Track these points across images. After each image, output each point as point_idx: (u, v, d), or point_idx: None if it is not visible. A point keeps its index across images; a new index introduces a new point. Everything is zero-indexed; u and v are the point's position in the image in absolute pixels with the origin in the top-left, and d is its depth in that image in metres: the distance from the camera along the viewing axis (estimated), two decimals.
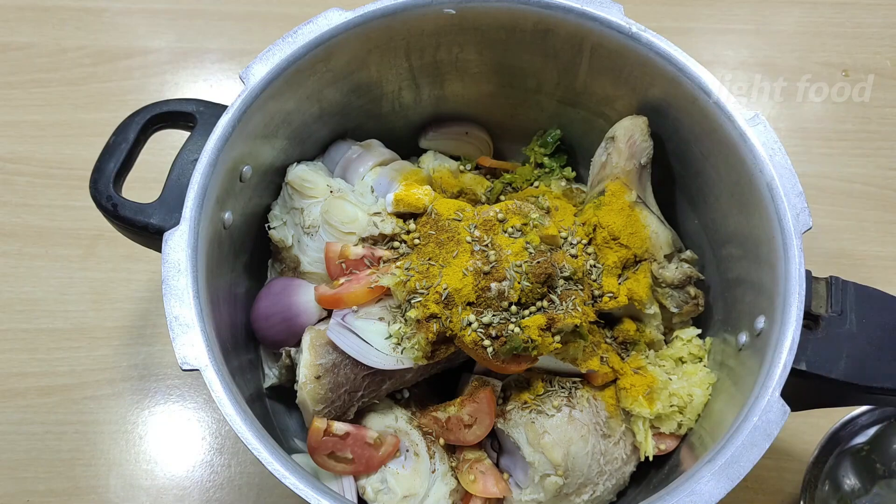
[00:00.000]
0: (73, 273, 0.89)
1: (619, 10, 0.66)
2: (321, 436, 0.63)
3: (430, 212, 0.70)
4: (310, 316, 0.69)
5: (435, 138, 0.81)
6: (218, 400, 0.55)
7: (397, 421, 0.67)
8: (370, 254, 0.68)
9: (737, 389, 0.63)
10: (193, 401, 0.84)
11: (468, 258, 0.64)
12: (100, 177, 0.63)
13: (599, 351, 0.67)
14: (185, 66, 1.02)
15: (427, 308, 0.63)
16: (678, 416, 0.67)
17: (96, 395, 0.84)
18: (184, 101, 0.66)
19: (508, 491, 0.66)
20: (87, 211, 0.72)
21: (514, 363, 0.63)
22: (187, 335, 0.56)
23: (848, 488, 0.73)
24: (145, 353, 0.86)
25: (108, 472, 0.81)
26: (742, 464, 0.54)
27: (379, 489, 0.65)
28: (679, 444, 0.69)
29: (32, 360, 0.85)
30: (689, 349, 0.71)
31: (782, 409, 0.56)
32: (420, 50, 0.72)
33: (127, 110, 0.66)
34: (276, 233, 0.73)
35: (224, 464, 0.82)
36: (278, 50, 0.65)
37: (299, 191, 0.71)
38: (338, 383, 0.64)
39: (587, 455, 0.64)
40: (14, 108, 0.98)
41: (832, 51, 1.05)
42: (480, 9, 0.68)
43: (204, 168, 0.61)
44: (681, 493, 0.54)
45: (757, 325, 0.62)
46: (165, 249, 0.59)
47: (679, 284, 0.70)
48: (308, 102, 0.70)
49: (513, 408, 0.66)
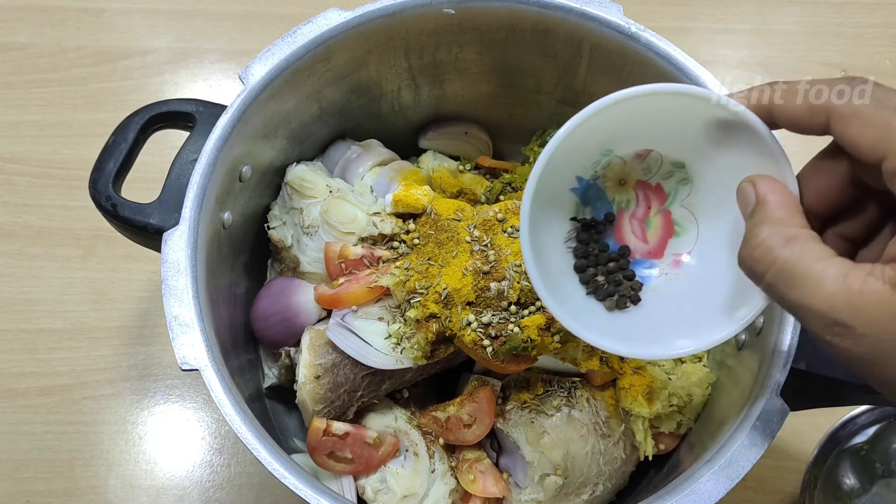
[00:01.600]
0: (72, 273, 0.89)
1: (619, 9, 0.66)
2: (320, 436, 0.63)
3: (429, 212, 0.70)
4: (309, 316, 0.69)
5: (434, 138, 0.81)
6: (217, 400, 0.55)
7: (397, 421, 0.67)
8: (369, 254, 0.68)
9: (736, 389, 0.63)
10: (193, 401, 0.84)
11: (468, 258, 0.64)
12: (99, 177, 0.63)
13: (599, 351, 0.67)
14: (185, 66, 1.02)
15: (426, 308, 0.63)
16: (677, 415, 0.68)
17: (96, 395, 0.84)
18: (183, 101, 0.66)
19: (508, 491, 0.66)
20: (87, 211, 0.72)
21: (513, 363, 0.63)
22: (187, 335, 0.56)
23: (847, 488, 0.73)
24: (145, 353, 0.86)
25: (108, 472, 0.81)
26: (742, 463, 0.54)
27: (378, 489, 0.65)
28: (679, 443, 0.69)
29: (32, 360, 0.85)
30: None
31: (782, 409, 0.56)
32: (420, 50, 0.72)
33: (126, 110, 0.66)
34: (276, 233, 0.73)
35: (224, 464, 0.82)
36: (278, 50, 0.65)
37: (299, 191, 0.71)
38: (337, 383, 0.64)
39: (587, 455, 0.64)
40: (14, 108, 0.98)
41: (832, 51, 1.05)
42: (480, 9, 0.68)
43: (203, 168, 0.61)
44: (680, 493, 0.54)
45: (757, 325, 0.62)
46: (165, 249, 0.59)
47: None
48: (307, 102, 0.70)
49: (512, 408, 0.66)
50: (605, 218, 0.54)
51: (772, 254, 0.40)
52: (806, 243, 0.40)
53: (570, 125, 0.46)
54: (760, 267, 0.41)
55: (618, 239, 0.54)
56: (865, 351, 0.37)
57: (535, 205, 0.48)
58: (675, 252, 0.53)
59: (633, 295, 0.53)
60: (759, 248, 0.41)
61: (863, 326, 0.37)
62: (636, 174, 0.52)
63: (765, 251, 0.41)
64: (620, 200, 0.54)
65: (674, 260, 0.53)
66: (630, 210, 0.54)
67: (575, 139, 0.47)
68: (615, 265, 0.53)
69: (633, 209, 0.54)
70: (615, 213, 0.54)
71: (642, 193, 0.53)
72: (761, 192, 0.43)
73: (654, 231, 0.54)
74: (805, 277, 0.39)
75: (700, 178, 0.51)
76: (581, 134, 0.46)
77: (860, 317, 0.37)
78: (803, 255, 0.39)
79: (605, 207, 0.54)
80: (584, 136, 0.47)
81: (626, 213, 0.54)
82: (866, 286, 0.37)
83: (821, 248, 0.40)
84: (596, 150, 0.50)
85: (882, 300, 0.36)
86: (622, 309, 0.53)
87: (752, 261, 0.41)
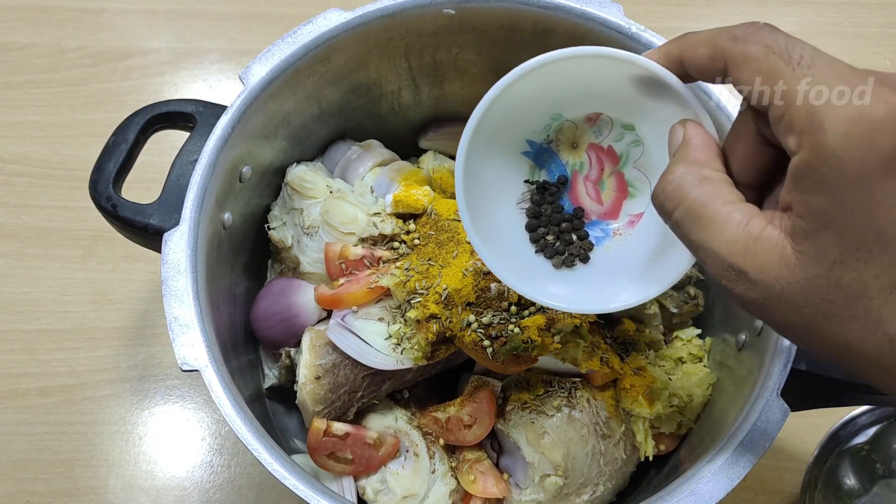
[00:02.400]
0: (72, 273, 0.89)
1: (619, 10, 0.66)
2: (321, 436, 0.63)
3: (429, 212, 0.70)
4: (309, 316, 0.69)
5: (435, 138, 0.81)
6: (218, 400, 0.55)
7: (397, 421, 0.67)
8: (370, 254, 0.68)
9: (737, 389, 0.63)
10: (193, 401, 0.84)
11: (468, 258, 0.64)
12: (99, 177, 0.63)
13: (599, 351, 0.67)
14: (185, 67, 1.02)
15: (427, 308, 0.63)
16: (678, 416, 0.67)
17: (96, 396, 0.84)
18: (183, 101, 0.66)
19: (508, 491, 0.66)
20: (87, 211, 0.72)
21: (513, 363, 0.63)
22: (187, 336, 0.56)
23: (848, 488, 0.73)
24: (145, 353, 0.86)
25: (108, 473, 0.81)
26: (742, 464, 0.54)
27: (379, 489, 0.65)
28: (679, 444, 0.69)
29: (32, 360, 0.85)
30: (689, 349, 0.71)
31: (782, 409, 0.56)
32: (419, 50, 0.72)
33: (126, 111, 0.66)
34: (276, 233, 0.73)
35: (224, 464, 0.82)
36: (278, 50, 0.65)
37: (299, 191, 0.71)
38: (337, 384, 0.64)
39: (587, 455, 0.64)
40: (13, 108, 0.98)
41: (832, 51, 1.03)
42: (480, 9, 0.68)
43: (203, 168, 0.61)
44: (681, 493, 0.54)
45: (757, 325, 0.62)
46: (165, 250, 0.59)
47: (679, 284, 0.70)
48: (307, 103, 0.70)
49: (513, 408, 0.66)
50: (558, 180, 0.55)
51: (682, 192, 0.41)
52: (717, 185, 0.40)
53: (510, 77, 0.47)
54: (670, 204, 0.41)
55: (573, 201, 0.56)
56: (757, 297, 0.38)
57: (478, 156, 0.50)
58: (630, 213, 0.55)
59: (582, 254, 0.55)
60: (671, 185, 0.41)
61: (755, 272, 0.38)
62: (588, 137, 0.54)
63: (676, 188, 0.41)
64: (574, 163, 0.55)
65: (629, 220, 0.55)
66: (584, 172, 0.55)
67: (518, 99, 0.49)
68: (568, 225, 0.55)
69: (587, 171, 0.55)
70: (568, 176, 0.55)
71: (595, 156, 0.54)
72: (689, 133, 0.44)
73: (608, 192, 0.55)
74: (710, 220, 0.39)
75: (648, 140, 0.52)
76: (524, 95, 0.49)
77: (753, 263, 0.38)
78: (712, 197, 0.40)
79: (559, 170, 0.55)
80: (529, 98, 0.49)
81: (581, 176, 0.55)
82: (764, 233, 0.38)
83: (731, 192, 0.40)
84: (545, 115, 0.52)
85: (775, 248, 0.37)
86: (570, 267, 0.55)
87: (663, 196, 0.42)
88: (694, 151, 0.43)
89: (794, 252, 0.37)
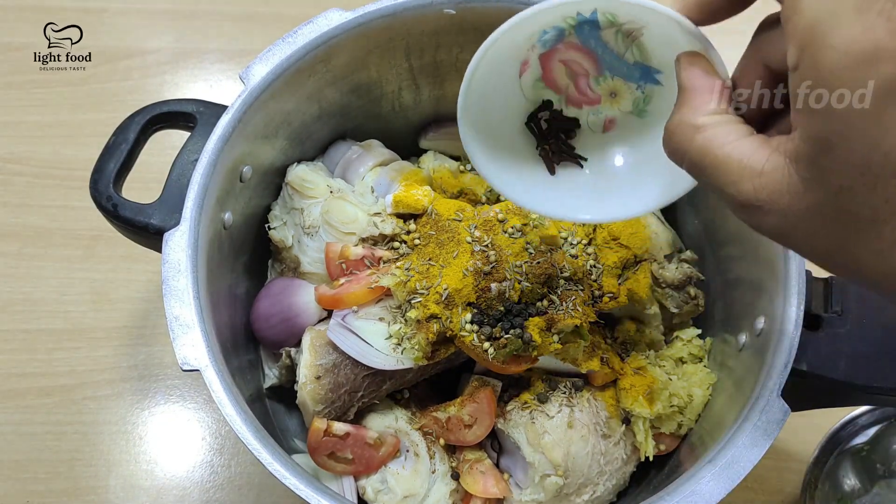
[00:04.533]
0: (72, 273, 0.89)
1: None
2: (321, 436, 0.63)
3: (430, 212, 0.70)
4: (310, 316, 0.69)
5: (435, 138, 0.81)
6: (218, 400, 0.55)
7: (397, 421, 0.67)
8: (370, 254, 0.68)
9: (737, 389, 0.63)
10: (193, 401, 0.84)
11: (468, 258, 0.64)
12: (100, 177, 0.63)
13: (599, 351, 0.67)
14: (185, 67, 1.02)
15: (427, 308, 0.63)
16: (678, 416, 0.67)
17: (96, 396, 0.84)
18: (184, 101, 0.66)
19: (508, 491, 0.66)
20: (87, 211, 0.72)
21: (513, 363, 0.63)
22: (187, 335, 0.56)
23: (848, 488, 0.73)
24: (145, 353, 0.86)
25: (108, 473, 0.81)
26: (742, 464, 0.54)
27: (379, 489, 0.65)
28: (679, 444, 0.69)
29: (32, 360, 0.85)
30: (690, 349, 0.71)
31: (782, 409, 0.56)
32: (420, 50, 0.72)
33: (126, 110, 0.66)
34: (276, 233, 0.73)
35: (224, 464, 0.82)
36: (278, 50, 0.65)
37: (299, 191, 0.71)
38: (338, 384, 0.64)
39: (587, 455, 0.64)
40: (14, 108, 0.98)
41: None
42: (480, 9, 0.68)
43: (204, 168, 0.61)
44: (681, 494, 0.54)
45: (757, 326, 0.62)
46: (165, 250, 0.59)
47: (679, 285, 0.70)
48: (308, 103, 0.70)
49: (513, 408, 0.66)
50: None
51: (682, 146, 0.41)
52: (712, 130, 0.40)
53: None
54: (676, 158, 0.42)
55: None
56: (774, 226, 0.38)
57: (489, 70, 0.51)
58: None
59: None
60: (673, 138, 0.42)
61: (767, 204, 0.37)
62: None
63: (678, 143, 0.41)
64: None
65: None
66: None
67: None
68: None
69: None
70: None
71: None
72: (683, 77, 0.44)
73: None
74: (713, 167, 0.39)
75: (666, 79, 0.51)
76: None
77: (763, 195, 0.37)
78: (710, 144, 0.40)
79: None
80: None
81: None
82: (769, 163, 0.37)
83: (727, 133, 0.40)
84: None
85: (781, 176, 0.37)
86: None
87: (669, 150, 0.42)
88: (690, 98, 0.42)
89: (800, 178, 0.36)
